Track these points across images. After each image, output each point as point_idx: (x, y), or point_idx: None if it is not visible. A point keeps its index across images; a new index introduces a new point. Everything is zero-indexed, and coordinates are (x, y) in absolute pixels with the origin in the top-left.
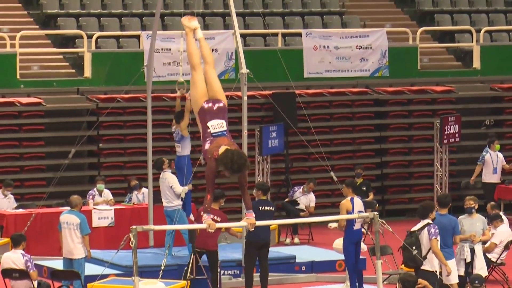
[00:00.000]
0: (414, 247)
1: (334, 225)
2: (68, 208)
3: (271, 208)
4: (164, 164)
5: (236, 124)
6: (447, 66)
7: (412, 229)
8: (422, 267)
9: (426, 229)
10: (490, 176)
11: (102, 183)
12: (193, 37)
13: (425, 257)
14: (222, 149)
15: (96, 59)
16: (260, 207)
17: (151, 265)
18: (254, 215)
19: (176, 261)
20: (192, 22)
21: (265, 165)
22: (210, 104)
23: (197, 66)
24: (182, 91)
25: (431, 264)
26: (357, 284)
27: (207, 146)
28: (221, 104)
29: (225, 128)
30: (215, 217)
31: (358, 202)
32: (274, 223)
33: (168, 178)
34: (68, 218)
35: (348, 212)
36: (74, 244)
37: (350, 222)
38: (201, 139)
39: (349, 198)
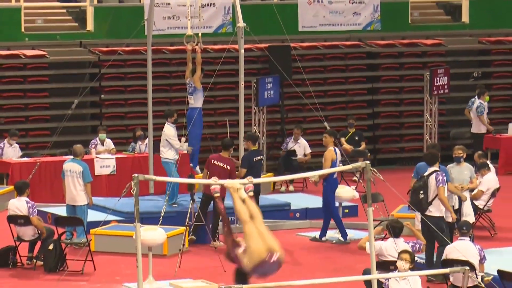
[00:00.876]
0: (421, 192)
1: (315, 177)
2: (71, 156)
3: (261, 157)
4: (172, 117)
5: (233, 76)
6: (437, 20)
7: (424, 174)
8: (427, 213)
9: (434, 175)
10: (485, 126)
11: (104, 132)
12: (238, 196)
13: (430, 203)
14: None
15: (98, 13)
16: (254, 158)
17: (151, 212)
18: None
19: (176, 208)
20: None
21: (261, 115)
22: (267, 259)
23: (247, 221)
24: (192, 43)
25: (437, 209)
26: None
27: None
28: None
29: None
30: (225, 165)
31: (338, 152)
32: (272, 180)
33: (167, 131)
34: (71, 167)
35: (333, 161)
36: (76, 191)
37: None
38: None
39: (331, 148)
